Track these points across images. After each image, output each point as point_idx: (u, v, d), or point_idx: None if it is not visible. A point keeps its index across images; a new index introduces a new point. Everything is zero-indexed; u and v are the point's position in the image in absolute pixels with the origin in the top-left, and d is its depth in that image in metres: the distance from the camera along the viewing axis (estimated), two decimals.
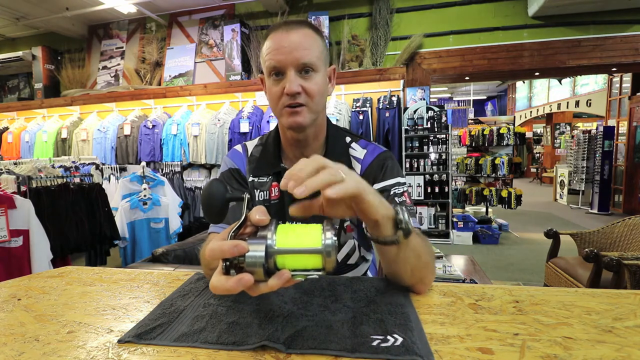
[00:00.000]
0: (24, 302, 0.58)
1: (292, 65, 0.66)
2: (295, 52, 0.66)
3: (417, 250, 0.55)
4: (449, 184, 3.98)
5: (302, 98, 0.68)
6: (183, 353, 0.41)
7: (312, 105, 0.70)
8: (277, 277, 0.41)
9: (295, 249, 0.41)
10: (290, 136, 0.75)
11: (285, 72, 0.67)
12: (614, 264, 1.55)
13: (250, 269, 0.40)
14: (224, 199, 0.47)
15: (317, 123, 0.74)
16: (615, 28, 3.66)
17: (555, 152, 9.80)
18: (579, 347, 0.40)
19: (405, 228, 0.50)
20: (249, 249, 0.40)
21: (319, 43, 0.70)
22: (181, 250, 1.79)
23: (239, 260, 0.41)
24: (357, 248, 0.79)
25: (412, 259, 0.55)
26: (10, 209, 1.88)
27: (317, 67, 0.69)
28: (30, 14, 4.42)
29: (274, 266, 0.42)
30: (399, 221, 0.50)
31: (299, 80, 0.67)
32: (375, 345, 0.41)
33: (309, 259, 0.41)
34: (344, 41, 3.97)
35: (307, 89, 0.68)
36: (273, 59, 0.67)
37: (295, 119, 0.69)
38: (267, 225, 0.43)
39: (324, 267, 0.41)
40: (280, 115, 0.71)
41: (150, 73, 4.61)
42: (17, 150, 4.64)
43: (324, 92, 0.72)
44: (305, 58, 0.66)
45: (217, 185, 0.47)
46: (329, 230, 0.42)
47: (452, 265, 1.87)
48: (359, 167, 0.78)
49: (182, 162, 3.95)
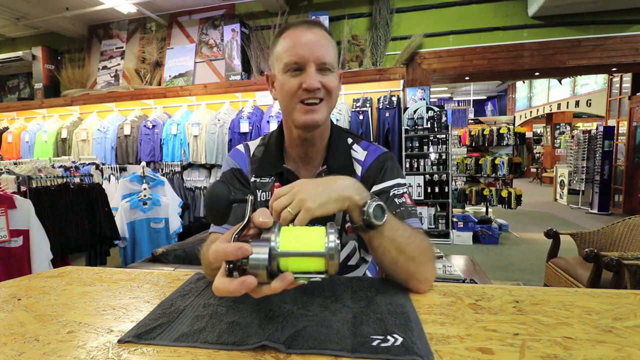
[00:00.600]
0: (24, 302, 0.58)
1: (314, 62, 0.67)
2: (317, 50, 0.67)
3: (396, 242, 0.57)
4: (449, 184, 3.98)
5: (322, 93, 0.69)
6: (183, 353, 0.41)
7: (329, 101, 0.71)
8: (280, 279, 0.41)
9: (298, 252, 0.41)
10: (297, 135, 0.74)
11: (305, 68, 0.67)
12: (614, 264, 1.55)
13: (254, 272, 0.40)
14: (228, 200, 0.47)
15: (325, 122, 0.75)
16: (615, 28, 3.66)
17: (555, 152, 9.80)
18: (579, 347, 0.40)
19: (366, 220, 0.55)
20: (252, 252, 0.40)
21: (334, 45, 0.73)
22: (181, 250, 1.79)
23: (242, 263, 0.41)
24: (357, 249, 0.79)
25: (392, 250, 0.57)
26: (10, 209, 1.88)
27: (334, 68, 0.70)
28: (30, 14, 4.42)
29: (277, 269, 0.42)
30: (363, 212, 0.55)
31: (319, 77, 0.68)
32: (375, 345, 0.41)
33: (312, 262, 0.42)
34: (344, 41, 3.97)
35: (327, 84, 0.69)
36: (295, 54, 0.67)
37: (313, 117, 0.69)
38: (271, 228, 0.43)
39: (327, 270, 0.41)
40: (292, 110, 0.70)
41: (150, 73, 4.60)
42: (17, 150, 4.63)
43: (338, 91, 0.74)
44: (325, 57, 0.68)
45: (221, 187, 0.48)
46: (332, 233, 0.42)
47: (452, 265, 1.87)
48: (360, 168, 0.78)
49: (182, 162, 3.95)
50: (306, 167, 0.79)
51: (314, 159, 0.78)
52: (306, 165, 0.79)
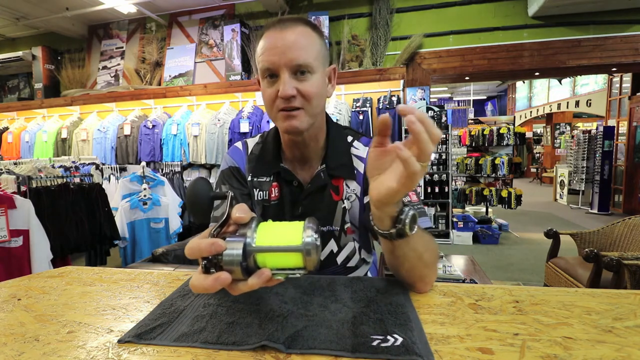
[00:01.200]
0: (24, 302, 0.58)
1: (285, 66, 0.62)
2: (289, 52, 0.62)
3: (418, 250, 0.55)
4: (449, 184, 3.98)
5: (298, 101, 0.64)
6: (183, 353, 0.41)
7: (309, 109, 0.66)
8: (256, 276, 0.40)
9: (274, 247, 0.40)
10: (288, 139, 0.74)
11: (279, 74, 0.63)
12: (614, 264, 1.55)
13: (228, 268, 0.40)
14: (209, 197, 0.47)
15: (315, 126, 0.71)
16: (615, 28, 3.66)
17: (555, 152, 9.80)
18: (579, 347, 0.40)
19: (400, 229, 0.51)
20: (226, 247, 0.40)
21: (316, 42, 0.66)
22: (181, 250, 1.79)
23: (217, 259, 0.40)
24: (357, 250, 0.78)
25: (412, 258, 0.55)
26: (10, 209, 1.88)
27: (313, 68, 0.64)
28: (30, 14, 4.42)
29: (254, 264, 0.41)
30: (398, 220, 0.51)
31: (294, 83, 0.63)
32: (375, 345, 0.41)
33: (289, 258, 0.41)
34: (344, 41, 3.97)
35: (303, 91, 0.64)
36: (266, 60, 0.63)
37: (291, 123, 0.65)
38: (248, 223, 0.43)
39: (305, 265, 0.40)
40: (275, 119, 0.68)
41: (150, 73, 4.60)
42: (17, 150, 4.63)
43: (321, 94, 0.68)
44: (299, 59, 0.62)
45: (201, 183, 0.47)
46: (310, 228, 0.41)
47: (452, 265, 1.87)
48: (362, 165, 0.76)
49: (182, 162, 3.95)
50: (303, 167, 0.77)
51: (311, 159, 0.77)
52: (303, 165, 0.77)
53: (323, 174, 0.75)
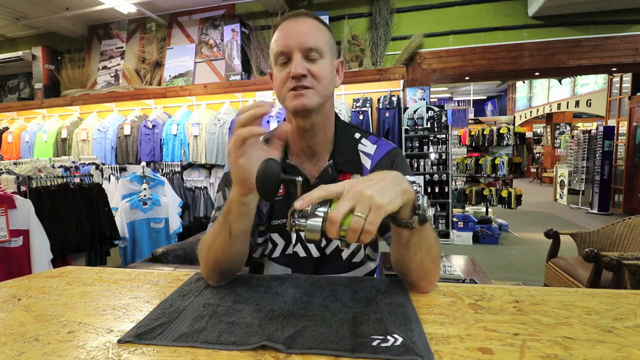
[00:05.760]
0: (24, 302, 0.58)
1: (298, 49, 0.67)
2: (302, 36, 0.67)
3: (429, 242, 0.57)
4: (449, 184, 3.98)
5: (308, 81, 0.67)
6: (183, 353, 0.41)
7: (319, 88, 0.68)
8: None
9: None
10: (297, 126, 0.73)
11: (292, 57, 0.67)
12: (614, 264, 1.55)
13: (311, 229, 0.45)
14: (279, 179, 0.49)
15: (324, 111, 0.73)
16: (615, 28, 3.66)
17: (555, 152, 9.80)
18: (579, 347, 0.40)
19: (422, 214, 0.51)
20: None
21: (325, 33, 0.71)
22: (181, 250, 1.79)
23: (301, 226, 0.46)
24: (362, 246, 0.78)
25: (423, 249, 0.57)
26: (10, 209, 1.88)
27: (323, 53, 0.69)
28: (30, 14, 4.42)
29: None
30: (417, 207, 0.52)
31: (305, 64, 0.67)
32: (375, 345, 0.41)
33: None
34: (344, 41, 3.97)
35: (313, 71, 0.67)
36: (280, 44, 0.68)
37: (301, 101, 0.67)
38: (325, 201, 0.47)
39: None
40: (284, 99, 0.70)
41: (150, 73, 4.60)
42: (17, 150, 4.63)
43: (331, 78, 0.71)
44: (311, 42, 0.67)
45: (273, 165, 0.49)
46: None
47: (452, 265, 1.87)
48: (369, 162, 0.78)
49: (182, 162, 3.95)
50: (311, 162, 0.78)
51: (319, 153, 0.77)
52: (311, 159, 0.78)
53: (331, 169, 0.76)
